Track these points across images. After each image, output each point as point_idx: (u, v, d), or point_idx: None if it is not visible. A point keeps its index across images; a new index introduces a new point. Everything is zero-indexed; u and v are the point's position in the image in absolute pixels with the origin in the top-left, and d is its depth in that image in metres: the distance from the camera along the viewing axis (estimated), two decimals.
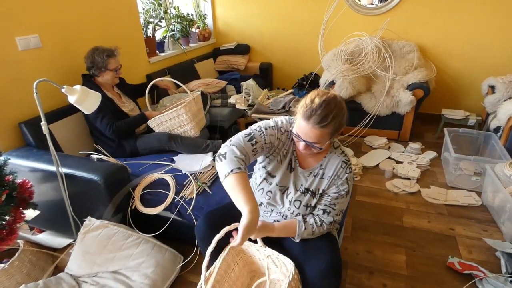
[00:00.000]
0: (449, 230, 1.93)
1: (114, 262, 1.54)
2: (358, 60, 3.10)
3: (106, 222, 1.58)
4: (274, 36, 3.89)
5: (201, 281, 1.02)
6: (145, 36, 2.87)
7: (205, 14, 3.85)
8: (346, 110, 1.07)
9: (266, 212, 1.27)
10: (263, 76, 3.90)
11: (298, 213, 1.18)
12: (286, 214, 1.22)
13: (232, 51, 3.97)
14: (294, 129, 1.09)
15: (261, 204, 1.27)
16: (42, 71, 1.91)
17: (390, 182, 2.41)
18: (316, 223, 1.15)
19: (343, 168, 1.14)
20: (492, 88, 2.82)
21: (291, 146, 1.19)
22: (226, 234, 1.07)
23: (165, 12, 3.05)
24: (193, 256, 1.69)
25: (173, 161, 1.95)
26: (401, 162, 2.65)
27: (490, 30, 3.02)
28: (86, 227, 1.56)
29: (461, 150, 2.45)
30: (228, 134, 2.90)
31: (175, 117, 2.07)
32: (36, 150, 1.77)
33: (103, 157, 1.84)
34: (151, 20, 2.95)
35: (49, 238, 1.84)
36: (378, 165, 2.64)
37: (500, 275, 1.56)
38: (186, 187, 1.72)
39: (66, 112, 1.99)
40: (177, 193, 1.68)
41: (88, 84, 1.92)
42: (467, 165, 2.35)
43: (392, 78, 2.97)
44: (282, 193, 1.20)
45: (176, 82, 2.16)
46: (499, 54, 3.07)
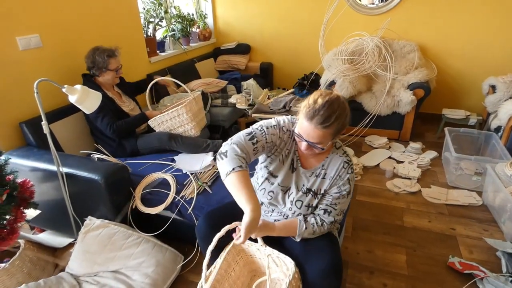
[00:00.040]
0: (449, 230, 1.93)
1: (115, 261, 1.54)
2: (359, 59, 3.10)
3: (107, 221, 1.58)
4: (275, 35, 3.88)
5: (201, 280, 1.02)
6: (145, 35, 2.87)
7: (205, 14, 3.85)
8: (349, 111, 1.06)
9: (267, 212, 1.27)
10: (264, 75, 3.90)
11: (299, 213, 1.18)
12: (287, 214, 1.21)
13: (232, 51, 3.97)
14: (296, 129, 1.08)
15: (262, 203, 1.27)
16: (42, 71, 1.91)
17: (391, 181, 2.41)
18: (317, 223, 1.15)
19: (345, 168, 1.14)
20: (493, 87, 2.81)
21: (293, 146, 1.19)
22: (226, 233, 1.07)
23: (165, 11, 3.05)
24: (193, 255, 1.69)
25: (173, 160, 1.95)
26: (401, 162, 2.65)
27: (490, 29, 3.02)
28: (87, 227, 1.57)
29: (461, 150, 2.45)
30: (228, 133, 2.90)
31: (176, 116, 2.07)
32: (36, 150, 1.78)
33: (104, 156, 1.84)
34: (152, 19, 2.95)
35: (49, 238, 1.84)
36: (378, 164, 2.64)
37: (500, 275, 1.56)
38: (186, 187, 1.72)
39: (66, 111, 1.99)
40: (177, 192, 1.68)
41: (88, 83, 1.92)
42: (468, 164, 2.35)
43: (392, 77, 2.97)
44: (284, 193, 1.20)
45: (176, 81, 2.17)
46: (500, 53, 3.07)
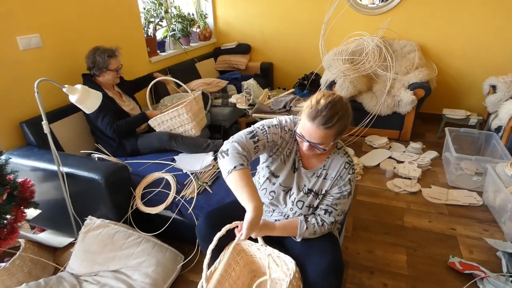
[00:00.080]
0: (450, 230, 1.93)
1: (115, 261, 1.55)
2: (359, 59, 3.10)
3: (107, 221, 1.58)
4: (275, 35, 3.88)
5: (202, 279, 1.02)
6: (146, 35, 2.87)
7: (206, 14, 3.85)
8: (352, 112, 1.06)
9: (267, 212, 1.27)
10: (264, 75, 3.90)
11: (300, 213, 1.18)
12: (288, 214, 1.21)
13: (233, 51, 3.97)
14: (298, 129, 1.08)
15: (263, 203, 1.26)
16: (42, 71, 1.91)
17: (391, 181, 2.41)
18: (317, 223, 1.15)
19: (346, 169, 1.14)
20: (493, 87, 2.81)
21: (295, 146, 1.19)
22: (227, 233, 1.07)
23: (166, 11, 3.05)
24: (193, 255, 1.69)
25: (174, 160, 1.95)
26: (402, 162, 2.65)
27: (491, 29, 3.02)
28: (87, 226, 1.57)
29: (462, 150, 2.45)
30: (229, 133, 2.90)
31: (176, 116, 2.07)
32: (37, 150, 1.78)
33: (104, 156, 1.84)
34: (152, 19, 2.95)
35: (50, 237, 1.84)
36: (379, 164, 2.64)
37: (501, 275, 1.56)
38: (187, 187, 1.72)
39: (67, 111, 1.99)
40: (178, 192, 1.69)
41: (88, 83, 1.92)
42: (468, 165, 2.35)
43: (393, 77, 2.97)
44: (285, 193, 1.20)
45: (177, 81, 2.17)
46: (501, 53, 3.06)
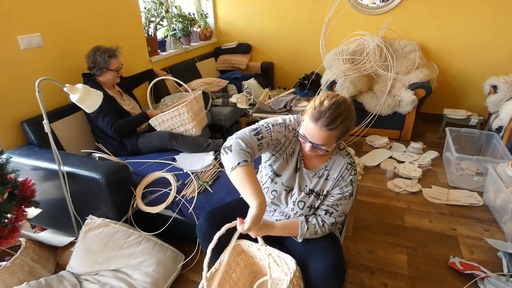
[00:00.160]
0: (450, 230, 1.93)
1: (116, 260, 1.55)
2: (360, 59, 3.10)
3: (108, 220, 1.58)
4: (276, 35, 3.88)
5: (202, 280, 1.02)
6: (146, 35, 2.87)
7: (206, 13, 3.85)
8: (355, 114, 1.06)
9: (269, 211, 1.27)
10: (265, 75, 3.90)
11: (301, 213, 1.18)
12: (289, 214, 1.21)
13: (233, 50, 3.97)
14: (301, 130, 1.08)
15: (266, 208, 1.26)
16: (43, 70, 1.91)
17: (392, 181, 2.41)
18: (318, 223, 1.15)
19: (348, 169, 1.14)
20: (494, 87, 2.81)
21: (298, 146, 1.19)
22: (227, 232, 1.07)
23: (166, 11, 3.05)
24: (194, 254, 1.69)
25: (174, 160, 1.95)
26: (402, 162, 2.65)
27: (491, 29, 3.01)
28: (88, 226, 1.57)
29: (463, 150, 2.44)
30: (229, 133, 2.90)
31: (177, 116, 2.07)
32: (38, 149, 1.78)
33: (105, 155, 1.84)
34: (153, 19, 2.95)
35: (50, 236, 1.84)
36: (379, 164, 2.64)
37: (501, 275, 1.56)
38: (187, 186, 1.72)
39: (67, 110, 1.99)
40: (178, 192, 1.69)
41: (89, 83, 1.92)
42: (469, 165, 2.35)
43: (393, 77, 2.97)
44: (287, 193, 1.20)
45: (177, 81, 2.17)
46: (502, 53, 3.06)
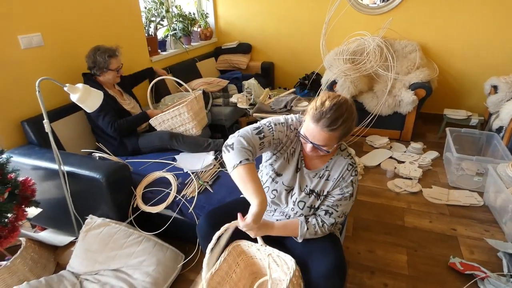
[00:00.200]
0: (450, 230, 1.93)
1: (116, 260, 1.55)
2: (360, 59, 3.10)
3: (108, 220, 1.58)
4: (276, 35, 3.88)
5: (202, 281, 1.02)
6: (147, 35, 2.87)
7: (206, 13, 3.85)
8: (356, 115, 1.05)
9: (269, 211, 1.27)
10: (265, 75, 3.90)
11: (301, 214, 1.18)
12: (289, 214, 1.21)
13: (233, 50, 3.97)
14: (302, 130, 1.07)
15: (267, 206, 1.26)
16: (43, 70, 1.91)
17: (392, 182, 2.40)
18: (318, 224, 1.15)
19: (349, 170, 1.14)
20: (494, 88, 2.80)
21: (299, 146, 1.19)
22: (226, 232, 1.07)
23: (167, 11, 3.05)
24: (194, 254, 1.69)
25: (174, 159, 1.95)
26: (402, 162, 2.64)
27: (492, 29, 3.01)
28: (88, 225, 1.57)
29: (463, 150, 2.44)
30: (229, 133, 2.90)
31: (177, 115, 2.07)
32: (38, 148, 1.78)
33: (105, 155, 1.84)
34: (153, 19, 2.95)
35: (51, 236, 1.85)
36: (379, 164, 2.64)
37: (501, 275, 1.56)
38: (187, 186, 1.72)
39: (68, 110, 1.99)
40: (178, 191, 1.69)
41: (89, 82, 1.92)
42: (469, 165, 2.34)
43: (394, 77, 2.96)
44: (287, 193, 1.20)
45: (178, 81, 2.17)
46: (502, 53, 3.06)
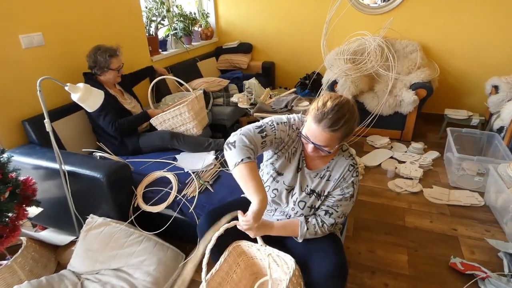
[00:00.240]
0: (451, 230, 1.93)
1: (116, 259, 1.55)
2: (361, 59, 3.09)
3: (109, 219, 1.58)
4: (277, 35, 3.88)
5: (202, 282, 1.02)
6: (147, 34, 2.87)
7: (207, 13, 3.85)
8: (358, 116, 1.05)
9: (269, 211, 1.27)
10: (266, 75, 3.90)
11: (301, 213, 1.18)
12: (290, 214, 1.21)
13: (234, 50, 3.97)
14: (303, 130, 1.07)
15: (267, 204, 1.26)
16: (44, 69, 1.91)
17: (392, 181, 2.40)
18: (318, 224, 1.15)
19: (350, 171, 1.13)
20: (495, 88, 2.80)
21: (300, 145, 1.19)
22: (225, 232, 1.07)
23: (167, 10, 3.05)
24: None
25: (175, 159, 1.95)
26: (403, 162, 2.64)
27: (492, 29, 3.01)
28: (89, 225, 1.57)
29: (464, 150, 2.44)
30: (230, 133, 2.90)
31: (178, 115, 2.07)
32: (39, 148, 1.78)
33: (106, 155, 1.85)
34: (154, 18, 2.95)
35: (51, 235, 1.85)
36: (380, 164, 2.64)
37: (502, 275, 1.56)
38: (188, 186, 1.72)
39: (68, 110, 1.99)
40: (179, 191, 1.69)
41: (90, 82, 1.92)
42: (470, 165, 2.34)
43: (395, 77, 2.96)
44: (288, 192, 1.20)
45: (178, 80, 2.17)
46: (503, 54, 3.05)
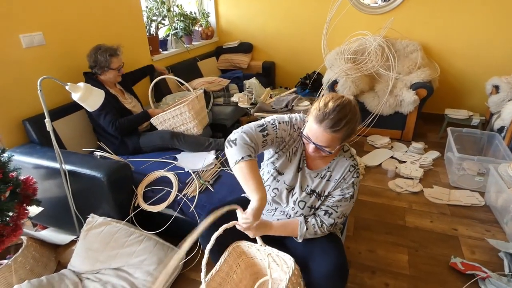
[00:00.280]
0: (451, 230, 1.93)
1: (117, 259, 1.55)
2: (362, 59, 3.09)
3: (109, 219, 1.59)
4: (277, 34, 3.88)
5: (202, 283, 1.02)
6: (148, 34, 2.87)
7: (208, 13, 3.85)
8: (360, 116, 1.05)
9: (269, 210, 1.27)
10: (266, 74, 3.90)
11: (301, 213, 1.18)
12: (290, 214, 1.21)
13: (235, 50, 3.96)
14: (304, 131, 1.07)
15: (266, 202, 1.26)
16: (45, 69, 1.91)
17: (393, 181, 2.40)
18: (317, 224, 1.15)
19: (351, 172, 1.13)
20: (496, 88, 2.80)
21: (301, 145, 1.18)
22: (224, 232, 1.07)
23: (168, 10, 3.05)
24: (195, 254, 1.69)
25: (176, 159, 1.95)
26: (403, 162, 2.64)
27: (493, 29, 3.00)
28: (89, 224, 1.57)
29: (464, 150, 2.44)
30: (230, 132, 2.90)
31: (178, 115, 2.08)
32: (39, 147, 1.78)
33: (106, 154, 1.85)
34: (154, 18, 2.95)
35: (52, 235, 1.85)
36: (380, 164, 2.64)
37: (502, 275, 1.56)
38: (188, 185, 1.72)
39: (69, 109, 2.00)
40: (179, 190, 1.69)
41: (90, 81, 1.93)
42: (470, 165, 2.34)
43: (395, 77, 2.96)
44: (288, 192, 1.20)
45: (179, 80, 2.17)
46: (503, 53, 3.05)
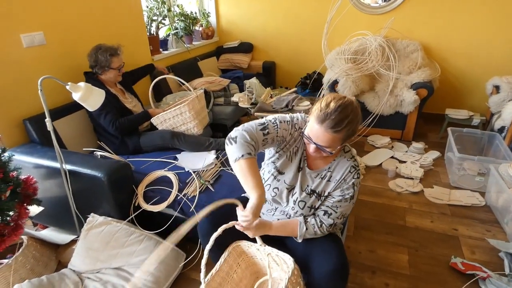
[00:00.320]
0: (452, 230, 1.93)
1: (117, 258, 1.55)
2: (362, 59, 3.09)
3: (109, 219, 1.59)
4: (278, 34, 3.88)
5: (202, 283, 1.02)
6: (148, 34, 2.87)
7: (208, 12, 3.85)
8: (361, 117, 1.05)
9: (269, 210, 1.27)
10: (266, 74, 3.90)
11: (301, 213, 1.18)
12: (290, 214, 1.21)
13: (235, 50, 3.97)
14: (306, 130, 1.07)
15: (265, 200, 1.26)
16: (45, 68, 1.92)
17: (393, 181, 2.40)
18: (316, 224, 1.15)
19: (351, 173, 1.13)
20: (496, 88, 2.80)
21: (302, 145, 1.19)
22: (223, 233, 1.07)
23: (168, 10, 3.05)
24: (195, 253, 1.69)
25: (176, 158, 1.95)
26: (404, 162, 2.64)
27: (493, 29, 3.00)
28: (89, 224, 1.57)
29: (464, 150, 2.44)
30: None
31: (178, 114, 2.08)
32: (40, 147, 1.78)
33: (107, 154, 1.85)
34: (155, 18, 2.95)
35: (52, 234, 1.85)
36: (381, 164, 2.64)
37: (502, 275, 1.56)
38: (189, 185, 1.72)
39: (70, 109, 2.00)
40: (180, 190, 1.69)
41: (91, 81, 1.93)
42: (471, 165, 2.34)
43: (395, 77, 2.96)
44: (289, 191, 1.20)
45: (179, 80, 2.17)
46: (503, 53, 3.04)
